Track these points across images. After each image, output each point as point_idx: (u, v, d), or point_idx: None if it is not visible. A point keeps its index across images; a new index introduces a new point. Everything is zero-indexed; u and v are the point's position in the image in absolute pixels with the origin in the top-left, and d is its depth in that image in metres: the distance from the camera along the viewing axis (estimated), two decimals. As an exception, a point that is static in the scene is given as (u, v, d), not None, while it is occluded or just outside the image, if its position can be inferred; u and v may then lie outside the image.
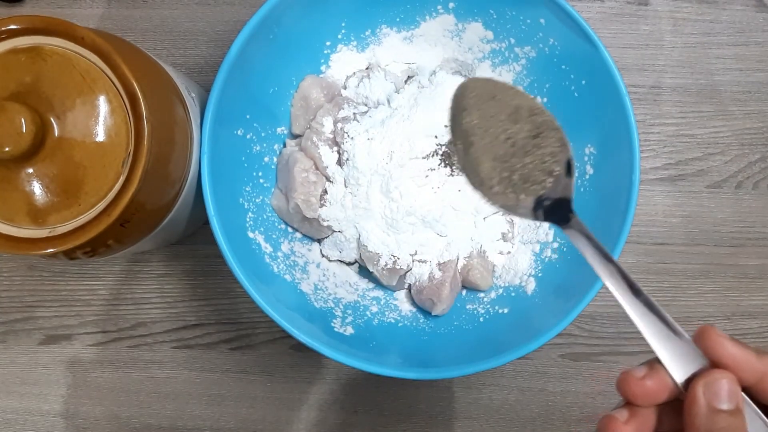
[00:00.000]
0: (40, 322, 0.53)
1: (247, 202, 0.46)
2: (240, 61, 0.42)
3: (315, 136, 0.47)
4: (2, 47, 0.35)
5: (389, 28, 0.50)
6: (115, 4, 0.53)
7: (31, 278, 0.53)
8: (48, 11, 0.53)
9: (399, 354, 0.46)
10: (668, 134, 0.54)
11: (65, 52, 0.35)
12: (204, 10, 0.53)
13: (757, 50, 0.54)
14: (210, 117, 0.42)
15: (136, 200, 0.35)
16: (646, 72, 0.54)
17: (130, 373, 0.53)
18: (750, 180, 0.54)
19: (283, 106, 0.49)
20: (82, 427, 0.53)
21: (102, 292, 0.53)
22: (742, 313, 0.54)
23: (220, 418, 0.53)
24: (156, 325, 0.53)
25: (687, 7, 0.54)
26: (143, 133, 0.35)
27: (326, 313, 0.46)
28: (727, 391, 0.25)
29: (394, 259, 0.47)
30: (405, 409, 0.53)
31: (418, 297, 0.48)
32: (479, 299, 0.49)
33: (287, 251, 0.48)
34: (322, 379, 0.53)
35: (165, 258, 0.53)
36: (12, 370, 0.53)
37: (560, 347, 0.53)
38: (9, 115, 0.33)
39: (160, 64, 0.40)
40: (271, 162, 0.49)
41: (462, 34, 0.49)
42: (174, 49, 0.53)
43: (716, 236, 0.54)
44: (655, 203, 0.54)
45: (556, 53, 0.46)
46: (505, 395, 0.53)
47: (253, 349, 0.53)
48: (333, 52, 0.50)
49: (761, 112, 0.54)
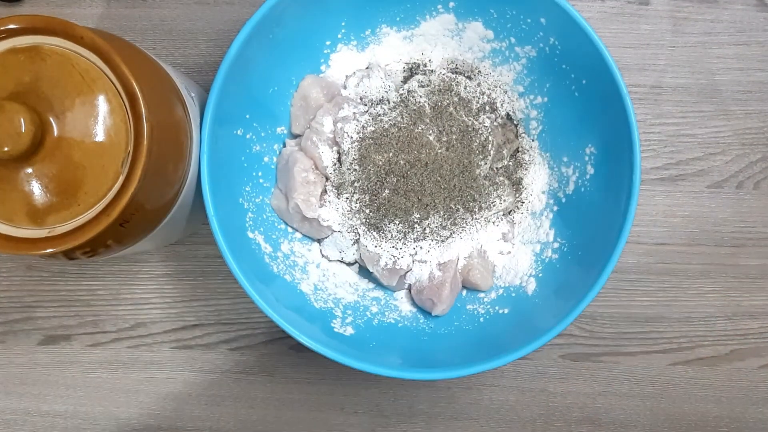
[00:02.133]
0: (39, 323, 0.53)
1: (246, 202, 0.46)
2: (240, 60, 0.42)
3: (315, 136, 0.47)
4: (1, 47, 0.35)
5: (389, 28, 0.50)
6: (114, 3, 0.53)
7: (30, 278, 0.53)
8: (47, 11, 0.53)
9: (399, 354, 0.45)
10: (669, 134, 0.54)
11: (64, 51, 0.35)
12: (204, 9, 0.53)
13: (758, 50, 0.54)
14: (210, 117, 0.42)
15: (136, 200, 0.35)
16: (646, 72, 0.54)
17: (130, 373, 0.53)
18: (751, 180, 0.54)
19: (283, 106, 0.49)
20: (82, 427, 0.53)
21: (101, 292, 0.53)
22: (742, 313, 0.53)
23: (220, 419, 0.53)
24: (155, 325, 0.53)
25: (688, 6, 0.54)
26: (143, 133, 0.35)
27: (326, 313, 0.46)
28: None
29: (394, 259, 0.47)
30: (405, 409, 0.53)
31: (418, 297, 0.48)
32: (479, 299, 0.49)
33: (287, 251, 0.48)
34: (322, 379, 0.53)
35: (165, 258, 0.53)
36: (11, 370, 0.53)
37: (560, 347, 0.53)
38: (8, 115, 0.33)
39: (159, 63, 0.40)
40: (271, 162, 0.49)
41: (462, 33, 0.49)
42: (174, 49, 0.53)
43: (717, 236, 0.54)
44: (656, 203, 0.54)
45: (556, 53, 0.46)
46: (505, 396, 0.53)
47: (253, 350, 0.53)
48: (333, 52, 0.50)
49: (762, 111, 0.54)
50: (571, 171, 0.48)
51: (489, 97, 0.49)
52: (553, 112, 0.49)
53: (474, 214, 0.47)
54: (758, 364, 0.53)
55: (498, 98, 0.50)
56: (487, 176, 0.48)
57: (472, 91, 0.49)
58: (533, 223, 0.50)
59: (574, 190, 0.48)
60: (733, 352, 0.53)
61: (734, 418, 0.53)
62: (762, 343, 0.53)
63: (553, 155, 0.49)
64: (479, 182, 0.47)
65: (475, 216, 0.47)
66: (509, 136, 0.50)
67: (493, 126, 0.49)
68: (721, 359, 0.53)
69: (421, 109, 0.47)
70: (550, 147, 0.49)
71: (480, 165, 0.47)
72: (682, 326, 0.53)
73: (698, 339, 0.53)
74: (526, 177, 0.49)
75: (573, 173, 0.48)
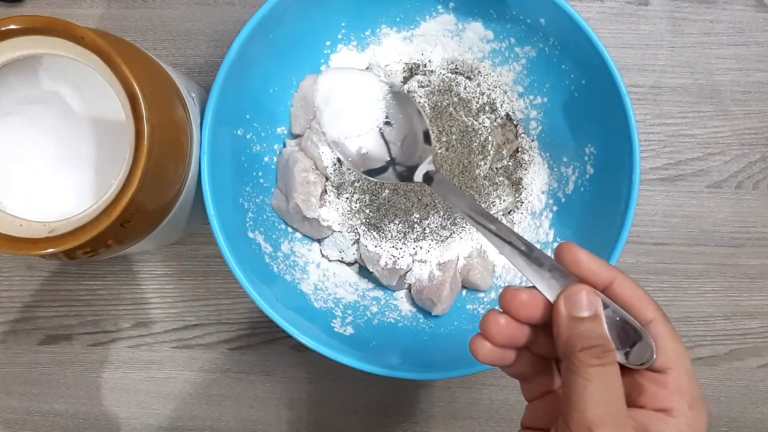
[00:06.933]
0: (40, 322, 0.53)
1: (247, 202, 0.46)
2: (240, 61, 0.42)
3: (315, 136, 0.47)
4: (2, 49, 0.35)
5: (389, 28, 0.50)
6: (115, 4, 0.53)
7: (31, 278, 0.53)
8: (48, 11, 0.53)
9: (399, 354, 0.46)
10: (668, 134, 0.54)
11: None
12: (204, 10, 0.53)
13: (757, 50, 0.54)
14: (210, 117, 0.42)
15: (136, 200, 0.35)
16: (646, 72, 0.54)
17: (130, 373, 0.53)
18: (750, 180, 0.54)
19: (283, 106, 0.49)
20: (82, 427, 0.53)
21: (102, 292, 0.53)
22: (742, 313, 0.54)
23: (220, 418, 0.53)
24: (156, 325, 0.53)
25: (687, 7, 0.54)
26: (143, 133, 0.35)
27: (326, 313, 0.46)
28: (585, 301, 0.28)
29: (394, 259, 0.47)
30: (405, 409, 0.53)
31: (418, 297, 0.48)
32: (479, 299, 0.49)
33: (287, 251, 0.48)
34: (322, 379, 0.53)
35: (165, 258, 0.53)
36: (12, 370, 0.53)
37: (560, 347, 0.53)
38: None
39: (159, 64, 0.40)
40: (271, 162, 0.49)
41: (462, 33, 0.49)
42: (174, 49, 0.53)
43: (716, 236, 0.54)
44: (655, 203, 0.54)
45: (556, 53, 0.46)
46: (505, 395, 0.53)
47: (253, 349, 0.53)
48: (333, 52, 0.50)
49: (761, 112, 0.54)
50: (571, 171, 0.48)
51: (489, 98, 0.49)
52: (552, 112, 0.49)
53: (474, 214, 0.47)
54: (757, 364, 0.54)
55: (498, 98, 0.50)
56: (486, 176, 0.48)
57: (471, 92, 0.49)
58: (533, 223, 0.50)
59: (574, 190, 0.48)
60: (732, 352, 0.53)
61: (733, 418, 0.54)
62: (761, 342, 0.53)
63: (553, 155, 0.49)
64: (479, 182, 0.47)
65: (475, 216, 0.47)
66: (509, 136, 0.50)
67: (492, 126, 0.49)
68: (720, 359, 0.53)
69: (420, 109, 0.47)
70: (549, 147, 0.49)
71: (480, 165, 0.48)
72: (681, 326, 0.53)
73: (697, 338, 0.53)
74: (525, 177, 0.50)
75: (572, 173, 0.48)
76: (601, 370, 0.27)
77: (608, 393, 0.27)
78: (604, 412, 0.26)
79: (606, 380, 0.27)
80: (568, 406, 0.27)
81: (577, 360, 0.27)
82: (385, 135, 0.41)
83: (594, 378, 0.27)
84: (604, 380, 0.27)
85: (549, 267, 0.30)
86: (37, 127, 0.41)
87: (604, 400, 0.26)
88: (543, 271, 0.30)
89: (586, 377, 0.27)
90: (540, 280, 0.30)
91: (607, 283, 0.29)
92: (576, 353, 0.27)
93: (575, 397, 0.27)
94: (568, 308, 0.28)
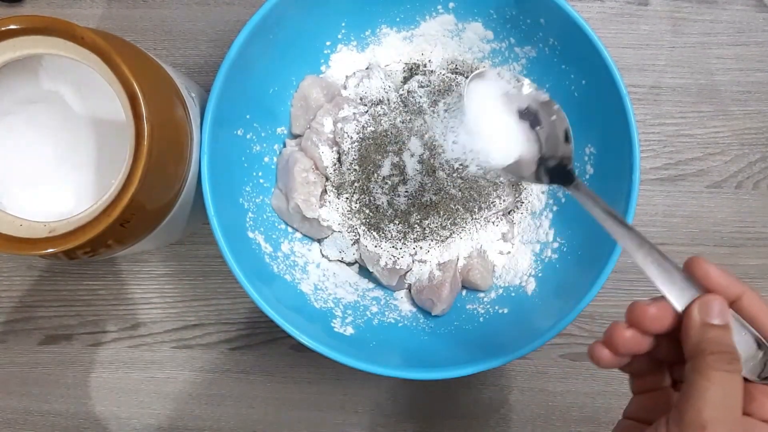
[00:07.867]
0: (40, 322, 0.53)
1: (247, 202, 0.46)
2: (240, 61, 0.42)
3: (315, 136, 0.47)
4: (2, 49, 0.35)
5: (389, 28, 0.50)
6: (115, 4, 0.53)
7: (31, 278, 0.53)
8: (48, 11, 0.53)
9: (399, 354, 0.46)
10: (668, 134, 0.54)
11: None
12: (204, 10, 0.53)
13: (757, 50, 0.54)
14: (210, 117, 0.42)
15: (136, 200, 0.35)
16: (646, 72, 0.54)
17: (130, 373, 0.53)
18: (750, 180, 0.54)
19: (283, 106, 0.49)
20: (82, 427, 0.53)
21: (102, 292, 0.53)
22: (742, 313, 0.54)
23: (220, 418, 0.53)
24: (156, 325, 0.53)
25: (687, 7, 0.54)
26: (143, 133, 0.35)
27: (326, 313, 0.46)
28: (717, 309, 0.30)
29: (394, 259, 0.47)
30: (405, 409, 0.53)
31: (418, 297, 0.48)
32: (479, 299, 0.49)
33: (287, 251, 0.48)
34: (322, 378, 0.53)
35: (165, 258, 0.53)
36: (12, 370, 0.53)
37: (560, 347, 0.53)
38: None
39: (159, 64, 0.40)
40: (271, 162, 0.49)
41: (462, 33, 0.49)
42: (174, 49, 0.53)
43: (716, 236, 0.54)
44: (655, 203, 0.54)
45: (556, 53, 0.46)
46: (505, 395, 0.53)
47: (253, 349, 0.53)
48: (333, 52, 0.50)
49: (761, 112, 0.54)
50: (571, 171, 0.48)
51: (489, 98, 0.49)
52: (552, 112, 0.49)
53: (474, 214, 0.47)
54: (757, 364, 0.54)
55: (498, 98, 0.50)
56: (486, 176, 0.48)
57: (471, 92, 0.49)
58: (533, 223, 0.50)
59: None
60: (732, 352, 0.53)
61: (733, 418, 0.54)
62: (761, 342, 0.53)
63: (553, 155, 0.49)
64: (479, 182, 0.47)
65: (475, 216, 0.47)
66: (509, 136, 0.50)
67: (492, 126, 0.49)
68: (721, 359, 0.53)
69: (420, 110, 0.47)
70: (549, 147, 0.49)
71: (480, 165, 0.48)
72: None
73: (697, 339, 0.53)
74: (525, 177, 0.49)
75: (572, 173, 0.48)
76: (726, 375, 0.28)
77: (728, 398, 0.28)
78: (720, 415, 0.27)
79: (728, 386, 0.28)
80: (686, 404, 0.28)
81: (704, 363, 0.28)
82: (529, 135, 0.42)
83: (717, 382, 0.28)
84: (726, 386, 0.28)
85: (680, 278, 0.31)
86: (38, 127, 0.41)
87: (722, 403, 0.28)
88: (674, 281, 0.31)
89: (710, 380, 0.28)
90: (672, 290, 0.31)
91: (736, 298, 0.31)
92: (704, 356, 0.28)
93: (695, 396, 0.28)
94: (701, 315, 0.30)
